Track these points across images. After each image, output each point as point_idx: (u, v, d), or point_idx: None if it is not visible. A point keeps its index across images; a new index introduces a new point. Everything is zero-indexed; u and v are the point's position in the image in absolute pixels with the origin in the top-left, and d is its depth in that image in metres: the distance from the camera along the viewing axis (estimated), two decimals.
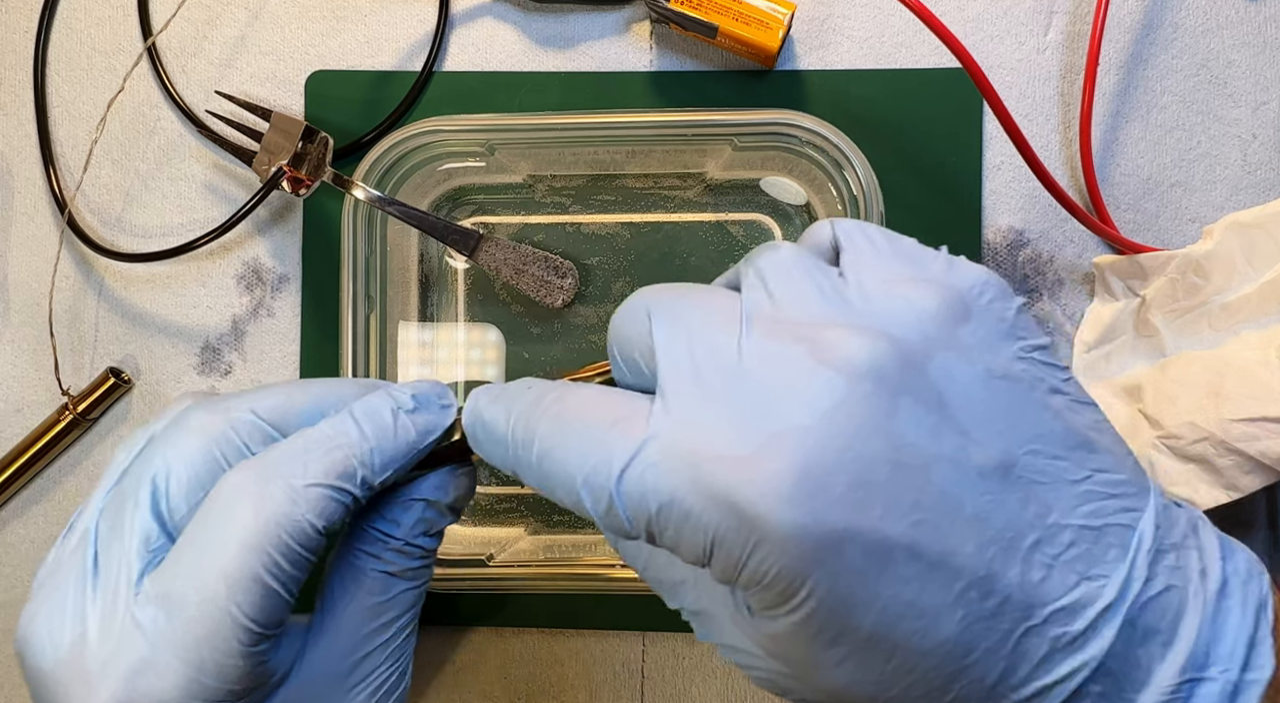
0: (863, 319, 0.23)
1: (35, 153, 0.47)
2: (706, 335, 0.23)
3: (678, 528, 0.22)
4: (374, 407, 0.29)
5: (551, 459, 0.24)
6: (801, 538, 0.21)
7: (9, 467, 0.45)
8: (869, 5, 0.45)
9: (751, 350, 0.22)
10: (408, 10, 0.46)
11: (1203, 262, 0.41)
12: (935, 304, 0.23)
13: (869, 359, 0.22)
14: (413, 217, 0.42)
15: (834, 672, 0.22)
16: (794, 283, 0.24)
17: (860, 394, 0.21)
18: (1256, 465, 0.38)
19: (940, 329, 0.23)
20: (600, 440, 0.23)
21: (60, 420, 0.45)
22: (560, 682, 0.45)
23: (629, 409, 0.23)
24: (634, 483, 0.22)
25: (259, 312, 0.46)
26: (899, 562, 0.21)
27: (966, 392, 0.22)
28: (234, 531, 0.26)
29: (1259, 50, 0.45)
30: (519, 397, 0.26)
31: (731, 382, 0.22)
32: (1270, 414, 0.37)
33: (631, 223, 0.45)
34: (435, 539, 0.31)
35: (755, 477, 0.21)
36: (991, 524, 0.21)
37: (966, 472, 0.21)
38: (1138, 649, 0.22)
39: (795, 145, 0.41)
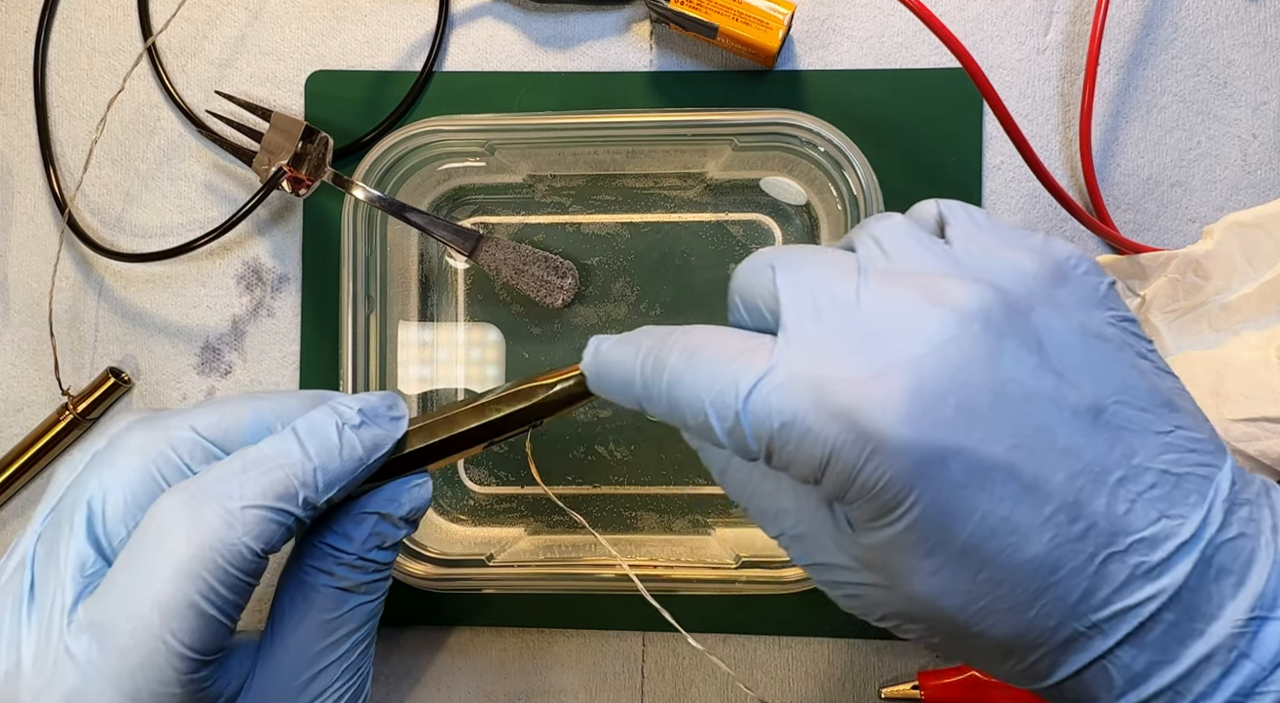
0: (971, 273, 0.25)
1: (35, 153, 0.47)
2: (827, 283, 0.25)
3: (798, 443, 0.23)
4: (318, 423, 0.29)
5: (681, 385, 0.25)
6: (912, 452, 0.22)
7: (9, 467, 0.45)
8: (869, 5, 0.45)
9: (869, 295, 0.24)
10: (408, 10, 0.46)
11: (1203, 262, 0.41)
12: (1036, 266, 0.25)
13: (979, 303, 0.23)
14: (413, 216, 0.42)
15: (927, 581, 0.24)
16: (906, 243, 0.26)
17: (970, 332, 0.23)
18: (1257, 465, 0.38)
19: (1040, 287, 0.25)
20: (727, 367, 0.24)
21: (60, 420, 0.45)
22: (560, 682, 0.45)
23: (753, 343, 0.25)
24: (759, 403, 0.24)
25: (259, 312, 0.46)
26: (997, 481, 0.23)
27: (1063, 342, 0.24)
28: (167, 556, 0.26)
29: (1259, 50, 0.45)
30: (645, 336, 0.27)
31: (850, 319, 0.24)
32: (1270, 414, 0.37)
33: (631, 223, 0.45)
34: (390, 552, 0.31)
35: (874, 396, 0.23)
36: (1082, 457, 0.23)
37: (1061, 409, 0.23)
38: (1210, 585, 0.23)
39: (795, 145, 0.41)
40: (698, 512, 0.45)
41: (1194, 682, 0.23)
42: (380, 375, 0.42)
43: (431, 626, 0.45)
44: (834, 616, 0.44)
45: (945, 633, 0.25)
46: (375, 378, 0.42)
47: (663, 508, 0.45)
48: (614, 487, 0.45)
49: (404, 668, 0.45)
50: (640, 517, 0.45)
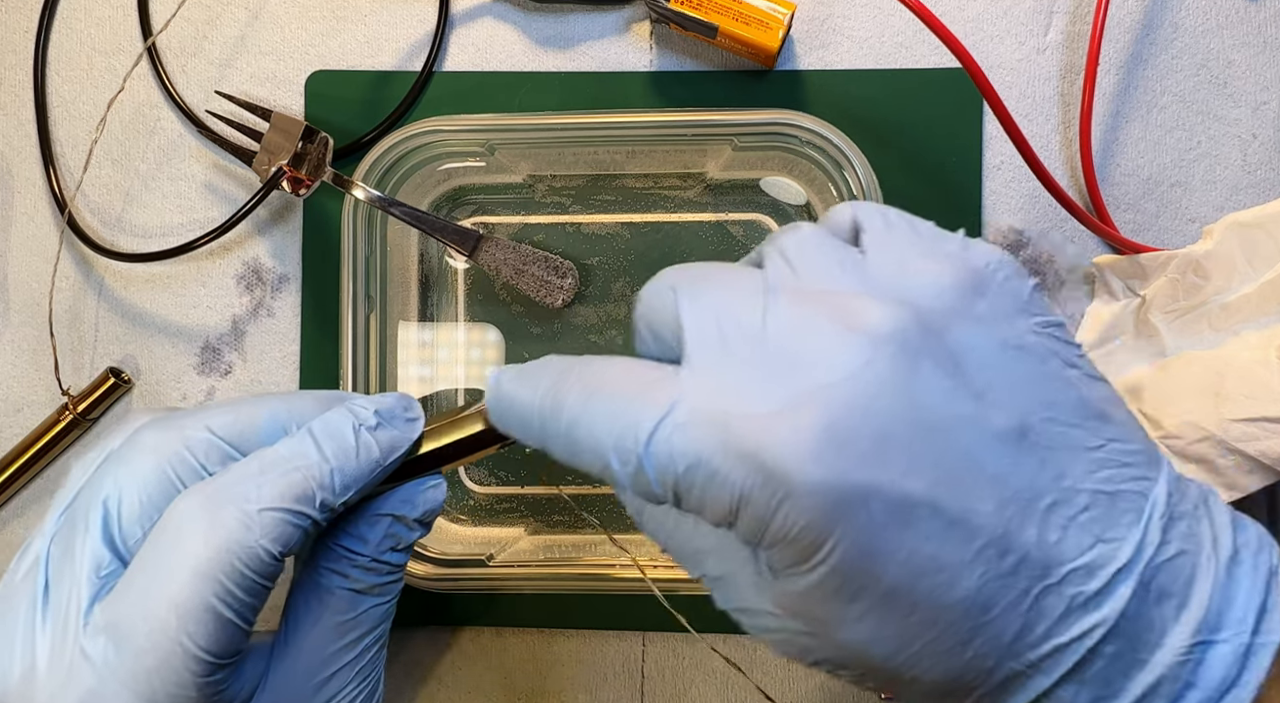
0: (883, 291, 0.23)
1: (35, 153, 0.47)
2: (731, 307, 0.23)
3: (704, 487, 0.22)
4: (335, 425, 0.28)
5: (580, 427, 0.24)
6: (826, 493, 0.21)
7: (9, 467, 0.45)
8: (869, 5, 0.45)
9: (776, 318, 0.23)
10: (408, 10, 0.46)
11: (1203, 262, 0.41)
12: (952, 278, 0.24)
13: (891, 325, 0.22)
14: (413, 216, 0.42)
15: (855, 627, 0.23)
16: (816, 257, 0.24)
17: (883, 356, 0.22)
18: (1256, 465, 0.38)
19: (958, 301, 0.23)
20: (628, 406, 0.23)
21: (60, 420, 0.45)
22: (560, 682, 0.45)
23: (655, 376, 0.23)
24: (662, 444, 0.22)
25: (259, 312, 0.46)
26: (921, 518, 0.21)
27: (983, 360, 0.23)
28: (184, 558, 0.26)
29: (1259, 50, 0.45)
30: (544, 370, 0.26)
31: (756, 347, 0.22)
32: (1270, 414, 0.37)
33: (631, 223, 0.45)
34: (404, 554, 0.31)
35: (781, 434, 0.21)
36: (1009, 485, 0.22)
37: (984, 434, 0.22)
38: (1151, 611, 0.22)
39: (795, 145, 0.41)
40: None
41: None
42: (380, 375, 0.43)
43: (431, 626, 0.45)
44: None
45: (878, 678, 0.24)
46: (375, 378, 0.42)
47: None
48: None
49: (404, 668, 0.45)
50: None
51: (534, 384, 0.26)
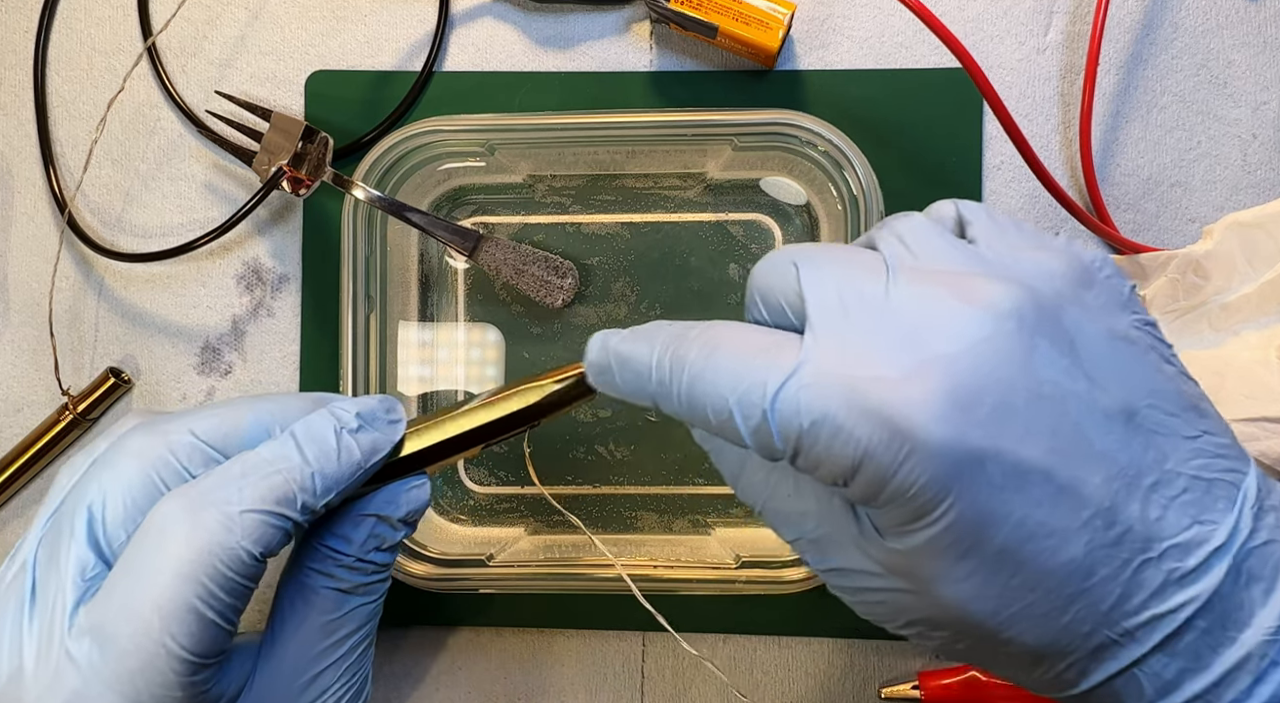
0: (1000, 272, 0.24)
1: (35, 153, 0.47)
2: (854, 280, 0.24)
3: (829, 443, 0.23)
4: (316, 428, 0.29)
5: (703, 381, 0.25)
6: (949, 453, 0.22)
7: (9, 467, 0.45)
8: (869, 5, 0.45)
9: (898, 293, 0.24)
10: (408, 10, 0.46)
11: (1203, 262, 0.41)
12: (1064, 267, 0.25)
13: (1012, 302, 0.23)
14: (413, 216, 0.42)
15: (959, 585, 0.24)
16: (931, 241, 0.25)
17: (1004, 331, 0.23)
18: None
19: (1069, 288, 0.24)
20: (753, 364, 0.24)
21: (60, 420, 0.45)
22: (560, 682, 0.45)
23: (778, 339, 0.24)
24: (788, 401, 0.23)
25: (259, 312, 0.46)
26: (1034, 483, 0.23)
27: (1093, 345, 0.24)
28: (166, 560, 0.26)
29: (1259, 50, 0.45)
30: (659, 330, 0.27)
31: (880, 318, 0.24)
32: (1270, 414, 0.37)
33: (631, 223, 0.45)
34: (389, 554, 0.31)
35: (909, 395, 0.22)
36: (1116, 461, 0.23)
37: (1095, 412, 0.23)
38: (1241, 592, 0.23)
39: (795, 145, 0.41)
40: (697, 512, 0.45)
41: (1225, 689, 0.23)
42: (380, 375, 0.43)
43: (431, 626, 0.45)
44: (834, 616, 0.44)
45: (972, 639, 0.25)
46: (375, 378, 0.42)
47: (662, 508, 0.45)
48: (614, 487, 0.45)
49: (404, 668, 0.45)
50: (640, 517, 0.45)
51: (650, 342, 0.27)
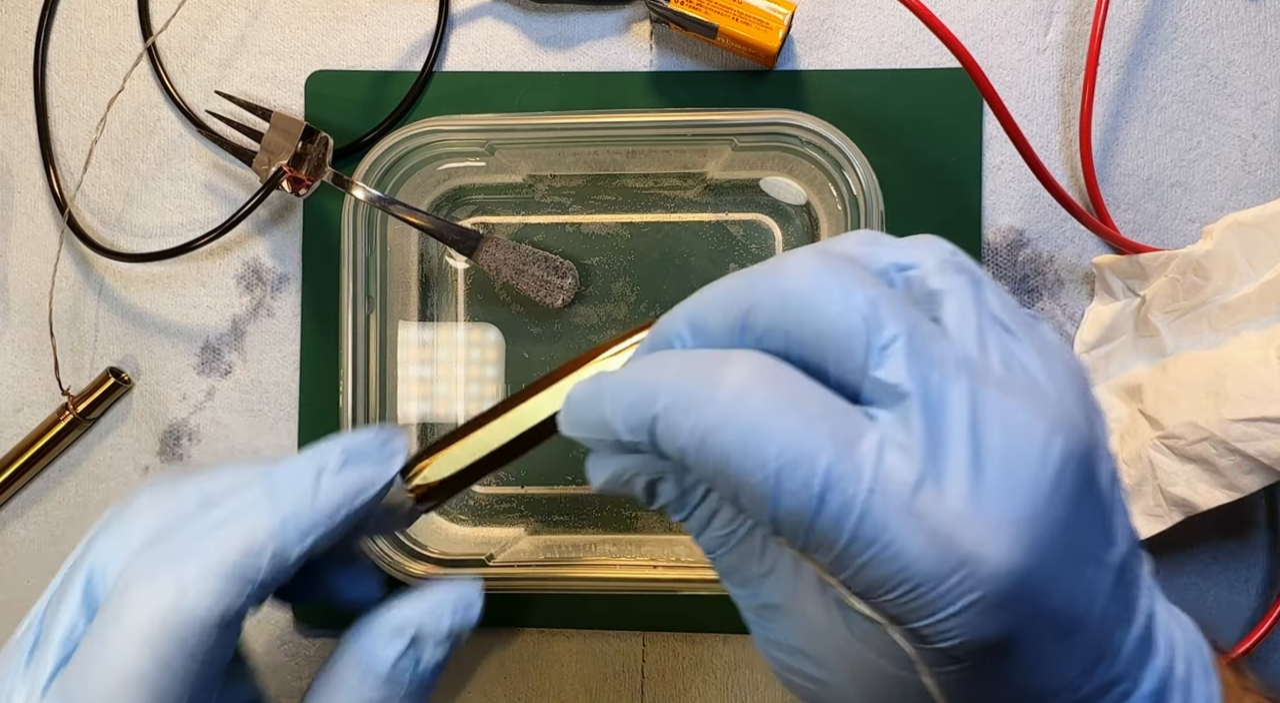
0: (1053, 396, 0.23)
1: (35, 153, 0.47)
2: (936, 374, 0.22)
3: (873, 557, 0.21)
4: (290, 471, 0.27)
5: (736, 429, 0.22)
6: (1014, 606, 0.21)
7: (9, 467, 0.45)
8: (869, 5, 0.45)
9: (989, 413, 0.22)
10: (408, 10, 0.46)
11: (1203, 262, 0.41)
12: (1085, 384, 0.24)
13: (1076, 442, 0.22)
14: (413, 216, 0.42)
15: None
16: (993, 333, 0.23)
17: (1071, 478, 0.22)
18: (1256, 466, 0.38)
19: (1092, 411, 0.24)
20: (812, 433, 0.21)
21: (60, 420, 0.45)
22: (560, 682, 0.45)
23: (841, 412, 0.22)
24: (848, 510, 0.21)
25: (259, 312, 0.46)
26: (1059, 636, 0.22)
27: (1106, 486, 0.23)
28: (126, 626, 0.25)
29: (1259, 50, 0.45)
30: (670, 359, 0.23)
31: (978, 446, 0.21)
32: (1270, 414, 0.37)
33: (631, 223, 0.45)
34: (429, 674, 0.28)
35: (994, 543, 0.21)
36: (1108, 616, 0.23)
37: (1108, 569, 0.23)
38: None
39: (795, 145, 0.41)
40: None
41: None
42: (380, 375, 0.43)
43: None
44: None
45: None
46: (375, 378, 0.42)
47: None
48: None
49: None
50: (640, 516, 0.45)
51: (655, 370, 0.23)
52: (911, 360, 0.22)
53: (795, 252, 0.24)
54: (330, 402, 0.45)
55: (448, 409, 0.45)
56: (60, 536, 0.47)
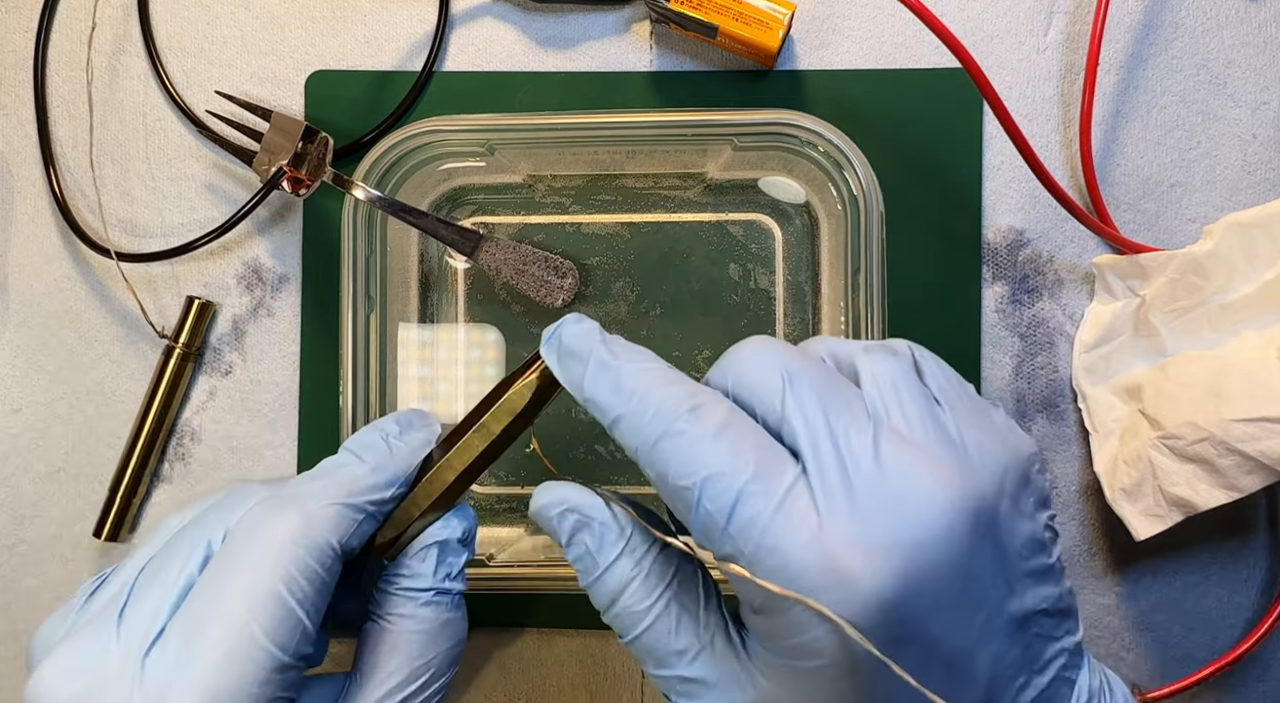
0: (966, 458, 0.26)
1: (35, 153, 0.47)
2: (845, 426, 0.26)
3: (771, 569, 0.25)
4: (366, 438, 0.33)
5: (683, 445, 0.26)
6: (884, 628, 0.24)
7: (144, 423, 0.45)
8: (869, 5, 0.45)
9: (885, 457, 0.25)
10: (408, 10, 0.46)
11: (1203, 261, 0.41)
12: (1013, 466, 0.27)
13: (974, 499, 0.25)
14: (413, 217, 0.42)
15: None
16: (911, 399, 0.27)
17: (961, 528, 0.25)
18: (1257, 466, 0.38)
19: (1014, 486, 0.26)
20: (742, 461, 0.25)
21: (169, 361, 0.45)
22: (560, 682, 0.45)
23: (774, 454, 0.26)
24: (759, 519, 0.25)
25: (259, 312, 0.46)
26: (937, 668, 0.25)
27: (1018, 549, 0.26)
28: (253, 555, 0.28)
29: (1259, 50, 0.45)
30: (651, 366, 0.28)
31: (866, 482, 0.25)
32: (1270, 414, 0.37)
33: (631, 223, 0.45)
34: (459, 581, 0.33)
35: (873, 565, 0.24)
36: (1002, 661, 0.26)
37: (1003, 617, 0.26)
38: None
39: (795, 145, 0.41)
40: None
41: None
42: (380, 375, 0.42)
43: None
44: None
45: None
46: (375, 378, 0.42)
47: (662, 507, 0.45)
48: (614, 487, 0.45)
49: None
50: None
51: (639, 366, 0.28)
52: (820, 412, 0.26)
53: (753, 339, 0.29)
54: (330, 402, 0.45)
55: (448, 409, 0.45)
56: None
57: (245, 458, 0.46)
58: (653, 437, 0.27)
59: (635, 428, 0.27)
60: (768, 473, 0.25)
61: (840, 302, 0.42)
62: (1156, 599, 0.44)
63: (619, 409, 0.28)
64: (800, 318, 0.45)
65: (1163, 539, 0.41)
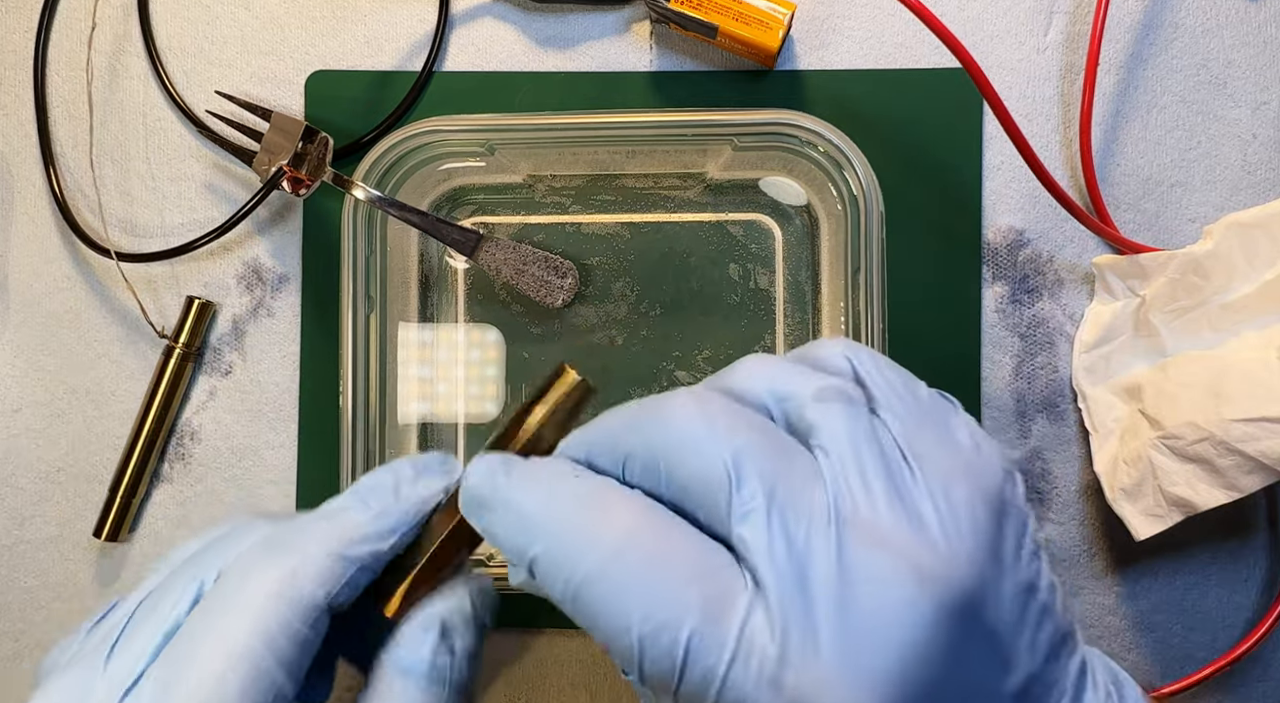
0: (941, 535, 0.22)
1: (35, 153, 0.47)
2: (806, 536, 0.22)
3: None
4: (376, 480, 0.30)
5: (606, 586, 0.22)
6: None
7: (144, 423, 0.45)
8: (869, 5, 0.45)
9: (851, 558, 0.22)
10: (408, 10, 0.46)
11: (1203, 261, 0.41)
12: (990, 503, 0.23)
13: (957, 586, 0.22)
14: (413, 217, 0.42)
15: None
16: (873, 471, 0.23)
17: (942, 631, 0.21)
18: (1257, 466, 0.38)
19: (993, 536, 0.23)
20: (679, 597, 0.22)
21: (169, 361, 0.45)
22: (560, 682, 0.45)
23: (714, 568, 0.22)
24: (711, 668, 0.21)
25: (259, 312, 0.46)
26: None
27: (1007, 617, 0.23)
28: (238, 606, 0.26)
29: (1259, 50, 0.45)
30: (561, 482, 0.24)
31: (832, 592, 0.21)
32: (1270, 414, 0.37)
33: (631, 223, 0.45)
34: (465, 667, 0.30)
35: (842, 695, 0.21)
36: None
37: (1001, 697, 0.23)
38: None
39: (795, 145, 0.41)
40: None
41: None
42: (380, 376, 0.42)
43: None
44: None
45: None
46: (375, 378, 0.42)
47: None
48: None
49: None
50: None
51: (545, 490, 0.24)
52: (774, 517, 0.22)
53: (678, 394, 0.24)
54: (330, 402, 0.45)
55: (448, 409, 0.45)
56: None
57: (245, 458, 0.46)
58: (572, 583, 0.23)
59: (550, 574, 0.24)
60: (717, 610, 0.21)
61: (840, 302, 0.42)
62: (1156, 599, 0.44)
63: (530, 550, 0.24)
64: (800, 318, 0.45)
65: (1163, 539, 0.41)
